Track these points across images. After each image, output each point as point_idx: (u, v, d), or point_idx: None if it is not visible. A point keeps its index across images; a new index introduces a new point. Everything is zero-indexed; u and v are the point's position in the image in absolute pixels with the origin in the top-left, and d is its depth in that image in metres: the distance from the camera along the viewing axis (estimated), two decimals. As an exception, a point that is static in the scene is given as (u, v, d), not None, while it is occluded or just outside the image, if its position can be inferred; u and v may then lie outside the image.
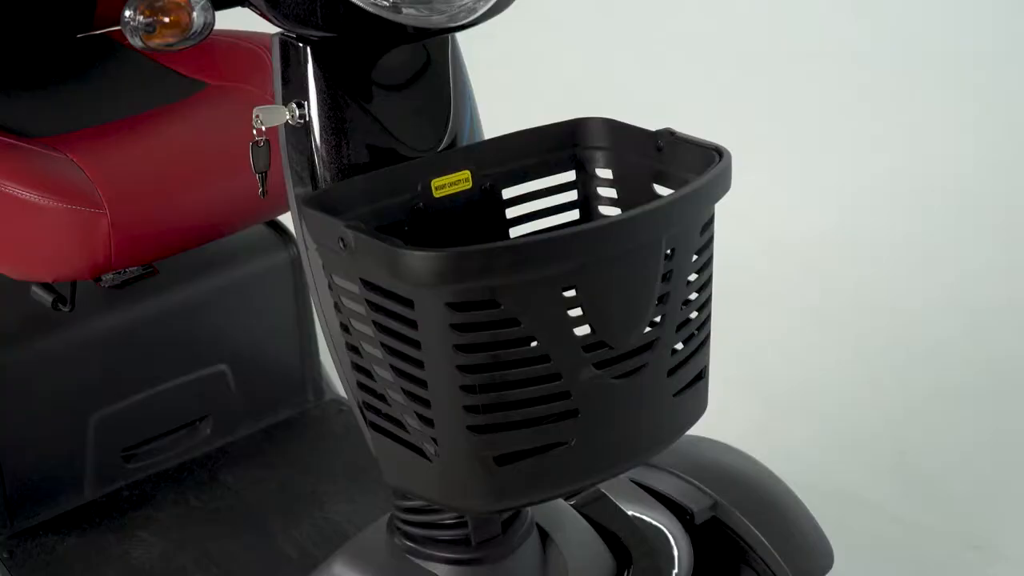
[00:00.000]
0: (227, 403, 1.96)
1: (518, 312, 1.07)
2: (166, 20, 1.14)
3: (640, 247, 1.11)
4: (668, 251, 1.13)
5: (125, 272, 1.81)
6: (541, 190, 1.31)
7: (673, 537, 1.44)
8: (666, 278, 1.13)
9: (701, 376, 1.24)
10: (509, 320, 1.07)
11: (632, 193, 1.28)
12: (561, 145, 1.31)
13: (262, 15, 1.19)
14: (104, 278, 1.79)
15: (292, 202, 1.23)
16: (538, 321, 1.08)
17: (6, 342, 1.79)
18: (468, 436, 1.11)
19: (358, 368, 1.20)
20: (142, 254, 1.65)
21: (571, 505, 1.45)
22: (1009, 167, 3.43)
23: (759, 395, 2.51)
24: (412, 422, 1.15)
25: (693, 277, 1.18)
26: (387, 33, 1.20)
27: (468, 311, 1.06)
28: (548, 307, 1.08)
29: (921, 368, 2.59)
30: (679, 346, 1.19)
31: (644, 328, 1.14)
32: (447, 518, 1.29)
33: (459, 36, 1.29)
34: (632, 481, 1.51)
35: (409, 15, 1.17)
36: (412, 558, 1.32)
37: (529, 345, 1.09)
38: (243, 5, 1.21)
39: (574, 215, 1.32)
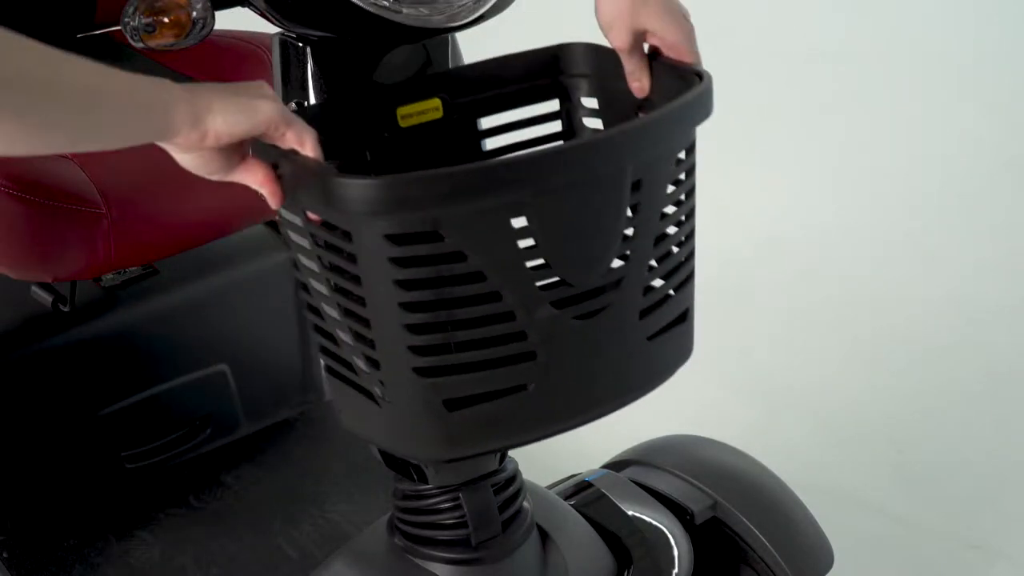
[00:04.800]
0: (227, 403, 1.96)
1: (464, 245, 0.98)
2: (166, 20, 1.14)
3: (600, 177, 1.01)
4: (635, 182, 1.03)
5: (125, 272, 1.81)
6: (521, 120, 1.23)
7: (673, 537, 1.44)
8: (634, 211, 1.04)
9: (684, 318, 1.13)
10: (454, 254, 0.98)
11: (618, 123, 1.18)
12: (543, 72, 1.23)
13: (262, 15, 1.19)
14: (104, 278, 1.80)
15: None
16: (487, 255, 0.98)
17: (6, 342, 1.79)
18: (414, 379, 1.03)
19: (311, 309, 1.13)
20: (142, 254, 1.65)
21: (571, 505, 1.45)
22: (1009, 166, 3.43)
23: (759, 395, 2.51)
24: (360, 364, 1.08)
25: (670, 210, 1.08)
26: (387, 33, 1.20)
27: (408, 244, 0.97)
28: (497, 240, 0.98)
29: (921, 368, 2.59)
30: (659, 282, 1.10)
31: (608, 265, 1.05)
32: (447, 518, 1.29)
33: (459, 36, 1.29)
34: (632, 481, 1.51)
35: (409, 15, 1.17)
36: (412, 558, 1.32)
37: (478, 282, 1.01)
38: (243, 5, 1.21)
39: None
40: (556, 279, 1.03)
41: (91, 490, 1.84)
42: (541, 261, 1.02)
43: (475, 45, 1.40)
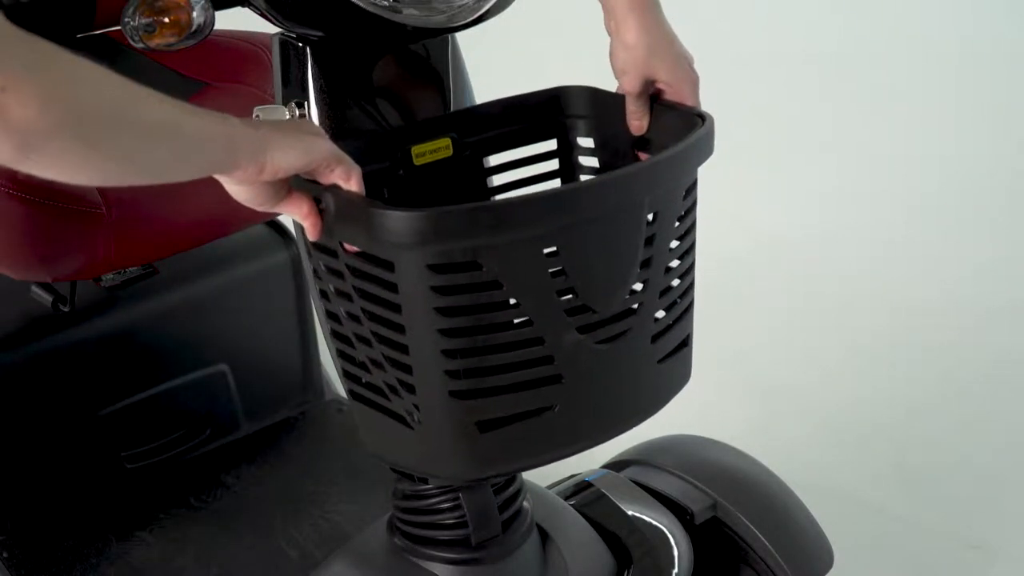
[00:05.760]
0: (227, 403, 1.96)
1: (500, 274, 1.05)
2: (166, 20, 1.14)
3: (622, 209, 1.10)
4: (651, 215, 1.12)
5: (125, 272, 1.81)
6: (523, 158, 1.31)
7: (673, 537, 1.44)
8: (649, 242, 1.13)
9: (685, 344, 1.23)
10: (491, 283, 1.05)
11: (614, 161, 1.27)
12: (543, 113, 1.30)
13: (262, 15, 1.20)
14: (104, 278, 1.79)
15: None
16: (521, 284, 1.06)
17: (6, 342, 1.79)
18: (450, 402, 1.09)
19: (338, 336, 1.18)
20: (142, 254, 1.65)
21: (571, 505, 1.45)
22: (1009, 166, 3.43)
23: (759, 395, 2.51)
24: (393, 389, 1.14)
25: (675, 244, 1.17)
26: (387, 33, 1.20)
27: (449, 273, 1.05)
28: (531, 269, 1.06)
29: (921, 367, 2.59)
30: (661, 313, 1.18)
31: (627, 292, 1.13)
32: (447, 518, 1.29)
33: (459, 36, 1.29)
34: (632, 481, 1.51)
35: (409, 15, 1.18)
36: (412, 558, 1.32)
37: (512, 308, 1.08)
38: (243, 5, 1.21)
39: (555, 184, 1.31)
40: (580, 305, 1.10)
41: (91, 490, 1.84)
42: (568, 289, 1.09)
43: (475, 45, 1.40)
